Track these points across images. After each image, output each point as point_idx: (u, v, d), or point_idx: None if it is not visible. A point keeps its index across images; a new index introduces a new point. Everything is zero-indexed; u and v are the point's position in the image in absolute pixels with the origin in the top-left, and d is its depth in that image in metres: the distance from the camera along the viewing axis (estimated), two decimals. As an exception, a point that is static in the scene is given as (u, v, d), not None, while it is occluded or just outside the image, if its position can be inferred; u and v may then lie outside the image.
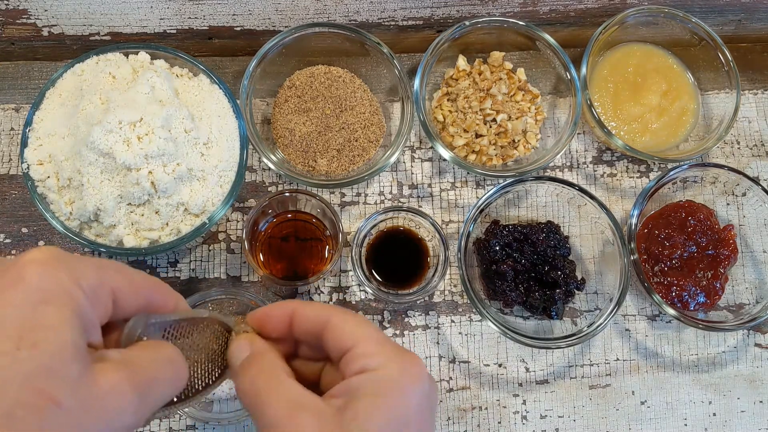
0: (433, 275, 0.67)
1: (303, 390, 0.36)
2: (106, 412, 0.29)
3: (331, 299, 0.69)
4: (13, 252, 0.68)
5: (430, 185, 0.74)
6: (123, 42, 0.74)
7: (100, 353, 0.31)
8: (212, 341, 0.39)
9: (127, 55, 0.66)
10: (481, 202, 0.67)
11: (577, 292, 0.69)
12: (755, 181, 0.72)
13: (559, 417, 0.69)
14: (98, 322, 0.32)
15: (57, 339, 0.28)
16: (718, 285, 0.69)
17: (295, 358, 0.41)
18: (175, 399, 0.38)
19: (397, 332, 0.69)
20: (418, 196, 0.73)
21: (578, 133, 0.77)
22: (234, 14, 0.72)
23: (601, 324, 0.65)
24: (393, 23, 0.76)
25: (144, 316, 0.34)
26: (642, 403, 0.70)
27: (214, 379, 0.40)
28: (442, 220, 0.73)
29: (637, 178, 0.76)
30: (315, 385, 0.39)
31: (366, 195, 0.73)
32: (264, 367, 0.37)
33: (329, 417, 0.34)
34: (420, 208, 0.70)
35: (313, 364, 0.40)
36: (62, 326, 0.29)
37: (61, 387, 0.27)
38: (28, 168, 0.61)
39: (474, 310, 0.70)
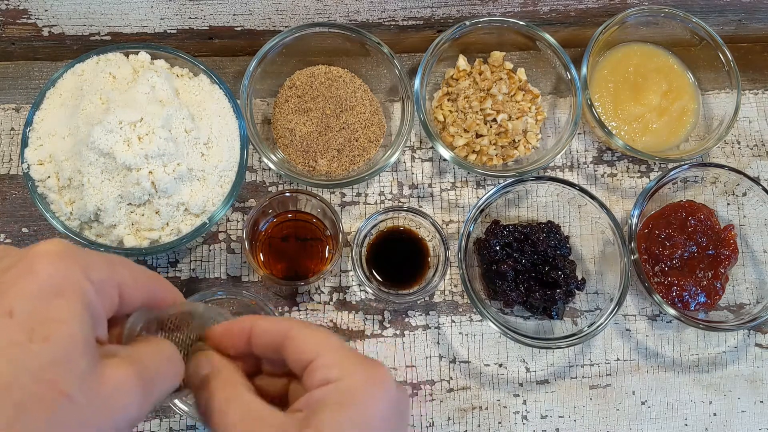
0: (434, 275, 0.67)
1: (263, 404, 0.35)
2: (113, 406, 0.29)
3: (331, 299, 0.69)
4: (14, 252, 0.68)
5: (430, 185, 0.74)
6: (123, 42, 0.74)
7: (108, 348, 0.31)
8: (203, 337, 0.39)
9: (127, 55, 0.66)
10: (481, 202, 0.67)
11: (577, 292, 0.69)
12: (756, 181, 0.72)
13: (560, 417, 0.69)
14: (105, 316, 0.32)
15: (68, 333, 0.28)
16: (718, 285, 0.69)
17: (260, 375, 0.40)
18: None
19: (398, 332, 0.69)
20: (419, 196, 0.73)
21: (578, 133, 0.77)
22: (234, 14, 0.72)
23: (601, 324, 0.65)
24: (393, 23, 0.76)
25: (144, 311, 0.35)
26: (642, 403, 0.70)
27: None
28: (443, 220, 0.73)
29: (637, 178, 0.76)
30: (283, 403, 0.38)
31: (366, 195, 0.73)
32: (222, 382, 0.36)
33: (291, 430, 0.33)
34: (420, 208, 0.70)
35: (279, 380, 0.39)
36: (73, 320, 0.29)
37: (71, 380, 0.28)
38: (28, 168, 0.61)
39: (474, 310, 0.70)
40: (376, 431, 0.34)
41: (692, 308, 0.69)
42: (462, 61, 0.75)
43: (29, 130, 0.62)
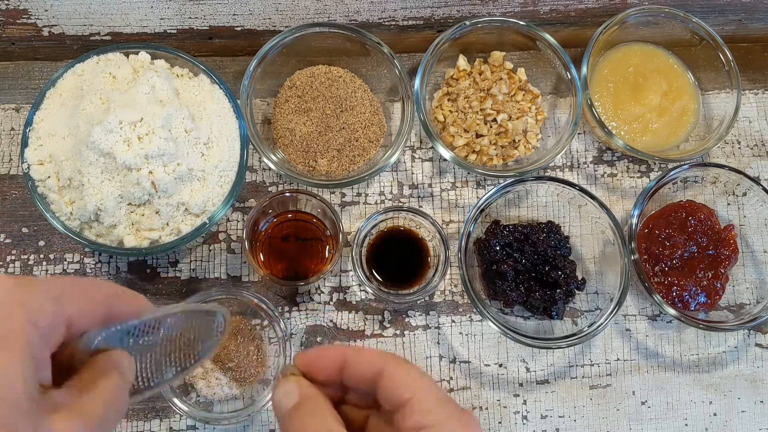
0: (434, 275, 0.67)
1: None
2: None
3: (331, 299, 0.69)
4: (14, 252, 0.68)
5: (430, 185, 0.74)
6: (123, 42, 0.74)
7: (51, 398, 0.31)
8: (187, 330, 0.40)
9: (127, 55, 0.66)
10: (481, 202, 0.67)
11: (577, 292, 0.69)
12: (756, 181, 0.72)
13: (560, 417, 0.69)
14: (49, 357, 0.32)
15: (12, 394, 0.28)
16: (718, 285, 0.69)
17: (342, 404, 0.40)
18: (144, 385, 0.40)
19: (398, 332, 0.69)
20: (419, 196, 0.73)
21: (579, 133, 0.77)
22: (234, 14, 0.72)
23: (601, 324, 0.65)
24: (393, 23, 0.76)
25: (95, 332, 0.35)
26: (642, 403, 0.70)
27: (190, 364, 0.41)
28: (443, 220, 0.73)
29: (637, 178, 0.76)
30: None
31: (366, 195, 0.73)
32: (315, 413, 0.37)
33: None
34: (420, 208, 0.70)
35: (359, 410, 0.40)
36: (17, 377, 0.28)
37: None
38: (28, 168, 0.61)
39: (474, 310, 0.70)
40: None
41: (692, 308, 0.69)
42: (462, 61, 0.75)
43: (29, 130, 0.62)
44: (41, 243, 0.69)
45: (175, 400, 0.59)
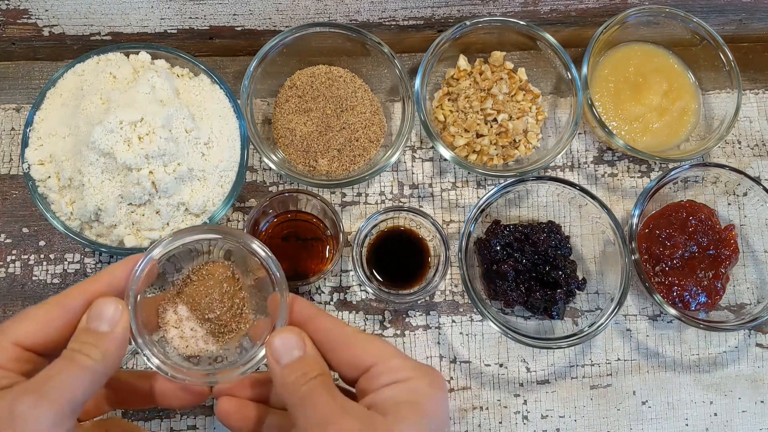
0: (434, 275, 0.67)
1: (349, 399, 0.40)
2: None
3: (331, 299, 0.69)
4: (14, 252, 0.68)
5: (430, 185, 0.74)
6: (124, 42, 0.74)
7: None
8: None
9: (127, 54, 0.66)
10: (481, 202, 0.67)
11: (578, 292, 0.69)
12: (756, 180, 0.71)
13: (560, 417, 0.69)
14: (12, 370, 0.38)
15: None
16: (719, 285, 0.69)
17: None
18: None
19: (398, 332, 0.69)
20: (419, 196, 0.73)
21: (579, 133, 0.77)
22: (235, 14, 0.72)
23: (602, 324, 0.65)
24: (394, 23, 0.76)
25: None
26: (643, 403, 0.70)
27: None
28: (443, 220, 0.73)
29: (638, 177, 0.76)
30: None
31: (367, 195, 0.73)
32: (319, 372, 0.41)
33: (374, 422, 0.38)
34: (421, 208, 0.70)
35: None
36: None
37: None
38: (28, 168, 0.61)
39: (475, 310, 0.70)
40: (443, 425, 0.40)
41: (693, 308, 0.69)
42: (462, 61, 0.75)
43: (29, 130, 0.62)
44: (41, 243, 0.69)
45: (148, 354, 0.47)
